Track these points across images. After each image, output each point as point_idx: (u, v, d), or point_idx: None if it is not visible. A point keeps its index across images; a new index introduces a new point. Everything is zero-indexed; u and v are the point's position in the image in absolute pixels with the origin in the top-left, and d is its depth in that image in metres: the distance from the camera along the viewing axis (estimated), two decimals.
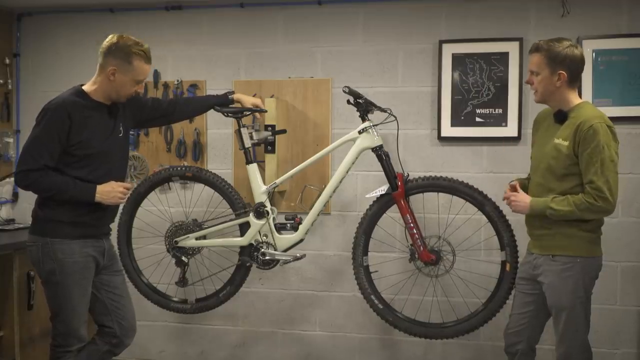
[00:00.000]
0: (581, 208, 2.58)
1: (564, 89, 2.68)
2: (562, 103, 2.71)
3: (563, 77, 2.65)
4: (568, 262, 2.67)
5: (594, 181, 2.56)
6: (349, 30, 3.86)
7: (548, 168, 2.69)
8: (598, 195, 2.55)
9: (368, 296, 3.31)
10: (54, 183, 2.68)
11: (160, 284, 3.66)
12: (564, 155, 2.64)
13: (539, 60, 2.68)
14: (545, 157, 2.72)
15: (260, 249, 3.33)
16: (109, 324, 2.93)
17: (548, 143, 2.73)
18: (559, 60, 2.64)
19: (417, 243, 3.18)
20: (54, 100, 2.74)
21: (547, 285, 2.73)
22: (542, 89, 2.71)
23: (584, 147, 2.58)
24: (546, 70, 2.67)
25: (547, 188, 2.69)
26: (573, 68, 2.66)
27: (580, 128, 2.58)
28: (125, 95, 2.82)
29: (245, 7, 3.95)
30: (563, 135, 2.66)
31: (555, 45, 2.66)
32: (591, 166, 2.56)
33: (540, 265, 2.75)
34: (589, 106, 2.73)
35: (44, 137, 2.67)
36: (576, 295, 2.68)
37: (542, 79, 2.69)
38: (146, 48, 2.77)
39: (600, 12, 3.56)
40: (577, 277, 2.67)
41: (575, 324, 2.71)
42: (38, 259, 2.76)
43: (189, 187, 3.99)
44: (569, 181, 2.65)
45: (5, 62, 4.24)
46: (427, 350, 3.82)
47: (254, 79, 3.96)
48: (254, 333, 4.06)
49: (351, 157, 3.26)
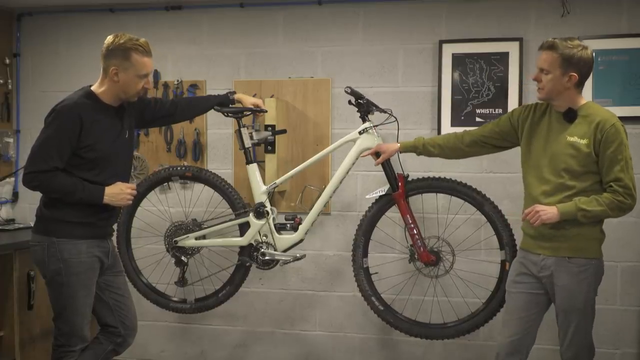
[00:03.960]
0: (612, 207, 2.57)
1: (572, 90, 2.66)
2: (569, 102, 2.68)
3: (574, 78, 2.62)
4: (585, 264, 2.65)
5: (622, 179, 2.56)
6: (349, 30, 3.86)
7: (566, 166, 2.64)
8: (627, 193, 2.56)
9: (368, 298, 3.30)
10: (62, 185, 2.67)
11: (160, 284, 3.66)
12: (583, 154, 2.60)
13: (552, 60, 2.63)
14: (558, 155, 2.66)
15: (260, 249, 3.33)
16: (112, 323, 2.93)
17: (557, 141, 2.68)
18: (573, 61, 2.60)
19: (417, 244, 3.18)
20: (64, 102, 2.71)
21: (560, 287, 2.68)
22: (551, 88, 2.67)
23: (606, 146, 2.57)
24: (558, 70, 2.63)
25: (567, 186, 2.64)
26: (584, 70, 2.65)
27: (601, 127, 2.58)
28: (133, 93, 2.78)
29: (245, 7, 3.96)
30: (579, 133, 2.63)
31: (569, 46, 2.62)
32: (616, 164, 2.56)
33: (550, 266, 2.69)
34: (598, 106, 2.74)
35: (55, 138, 2.64)
36: (589, 297, 2.68)
37: (552, 78, 2.64)
38: (142, 41, 2.74)
39: (600, 12, 3.56)
40: (590, 280, 2.67)
41: (585, 325, 2.71)
42: (43, 258, 2.75)
43: (189, 187, 3.99)
44: (587, 179, 2.62)
45: (5, 62, 4.24)
46: (427, 350, 3.82)
47: (254, 79, 3.96)
48: (253, 333, 4.06)
49: (351, 158, 3.26)
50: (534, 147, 2.79)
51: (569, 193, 2.64)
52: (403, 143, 3.15)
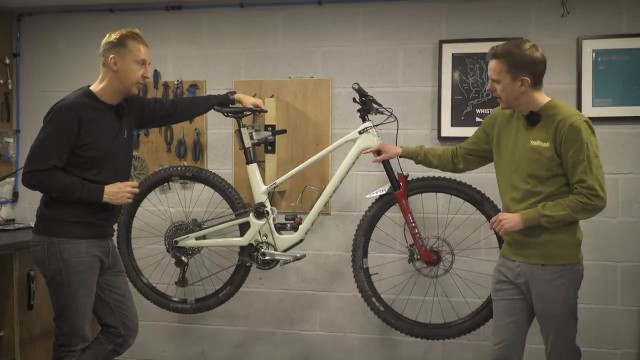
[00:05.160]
0: (576, 210, 2.51)
1: (529, 92, 2.58)
2: (530, 105, 2.61)
3: (526, 82, 2.56)
4: (559, 271, 2.60)
5: (584, 180, 2.49)
6: (349, 30, 3.86)
7: (530, 172, 2.59)
8: (591, 194, 2.49)
9: (369, 298, 3.30)
10: (62, 184, 2.68)
11: (160, 284, 3.66)
12: (546, 158, 2.55)
13: (499, 68, 2.59)
14: (523, 160, 2.61)
15: (260, 249, 3.34)
16: (113, 323, 2.94)
17: (522, 146, 2.63)
18: (520, 65, 2.55)
19: (419, 243, 3.18)
20: (63, 101, 2.73)
21: (536, 295, 2.64)
22: (506, 96, 2.62)
23: (567, 147, 2.50)
24: (507, 77, 2.57)
25: (533, 192, 2.60)
26: (535, 71, 2.57)
27: (560, 127, 2.51)
28: (133, 81, 2.79)
29: (245, 7, 3.96)
30: (541, 136, 2.58)
31: (513, 51, 2.57)
32: (578, 165, 2.49)
33: (525, 274, 2.65)
34: (561, 103, 2.64)
35: (54, 137, 2.66)
36: (567, 302, 2.64)
37: (504, 87, 2.59)
38: (136, 30, 2.83)
39: (600, 12, 3.56)
40: (567, 285, 2.62)
41: (566, 330, 2.67)
42: (43, 258, 2.75)
43: (189, 187, 4.00)
44: (554, 183, 2.57)
45: (5, 62, 4.24)
46: (427, 350, 3.82)
47: (254, 79, 3.96)
48: (253, 333, 4.06)
49: (351, 158, 3.26)
50: (502, 153, 2.75)
51: (537, 199, 2.59)
52: (405, 148, 3.14)
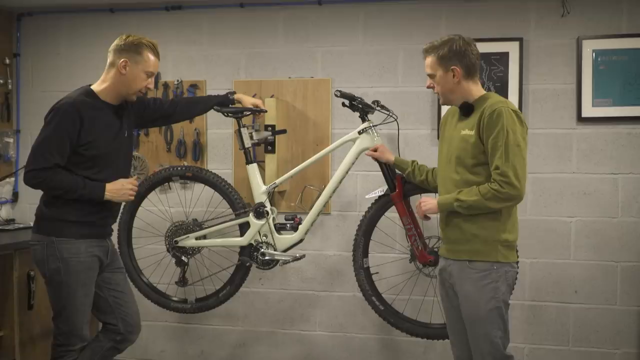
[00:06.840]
0: (487, 197, 2.47)
1: (463, 83, 2.62)
2: (466, 97, 2.64)
3: (457, 72, 2.60)
4: (487, 269, 2.54)
5: (499, 166, 2.46)
6: (349, 30, 3.86)
7: (459, 161, 2.60)
8: (504, 181, 2.45)
9: (369, 298, 3.30)
10: (63, 182, 2.69)
11: (160, 284, 3.67)
12: (470, 145, 2.55)
13: (432, 63, 2.65)
14: (454, 150, 2.63)
15: (260, 249, 3.34)
16: (112, 321, 2.94)
17: (455, 137, 2.65)
18: (449, 56, 2.60)
19: (415, 245, 3.17)
20: (64, 100, 2.74)
21: (462, 295, 2.59)
22: (442, 90, 2.66)
23: (488, 133, 2.49)
24: (440, 70, 2.62)
25: (463, 181, 2.58)
26: (465, 60, 2.60)
27: (484, 114, 2.52)
28: (136, 89, 2.82)
29: (245, 7, 3.96)
30: (469, 125, 2.59)
31: (441, 44, 2.63)
32: (496, 151, 2.47)
33: (454, 273, 2.62)
34: (494, 95, 2.66)
35: (55, 136, 2.67)
36: (493, 305, 2.54)
37: (439, 80, 2.64)
38: (155, 42, 2.85)
39: (600, 12, 3.56)
40: (494, 287, 2.54)
41: (492, 336, 2.55)
42: (42, 258, 2.76)
43: (189, 187, 4.00)
44: (481, 172, 2.55)
45: (5, 62, 4.24)
46: (427, 350, 3.82)
47: (254, 79, 3.96)
48: (254, 333, 4.06)
49: (351, 158, 3.27)
50: (442, 147, 2.76)
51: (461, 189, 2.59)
52: (398, 159, 3.15)
